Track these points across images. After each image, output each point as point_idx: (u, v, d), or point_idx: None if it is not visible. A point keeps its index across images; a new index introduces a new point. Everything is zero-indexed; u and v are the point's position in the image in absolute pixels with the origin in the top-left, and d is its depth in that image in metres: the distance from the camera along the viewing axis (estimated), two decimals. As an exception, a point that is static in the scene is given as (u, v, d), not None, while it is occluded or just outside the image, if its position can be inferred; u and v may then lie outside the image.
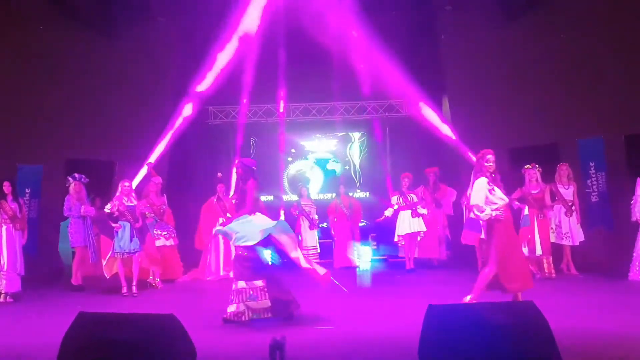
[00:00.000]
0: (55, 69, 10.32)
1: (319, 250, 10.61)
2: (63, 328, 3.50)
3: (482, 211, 5.51)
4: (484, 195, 5.54)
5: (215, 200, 9.55)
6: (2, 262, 7.50)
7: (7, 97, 9.92)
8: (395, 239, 9.68)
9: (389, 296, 7.31)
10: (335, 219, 10.64)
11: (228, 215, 9.55)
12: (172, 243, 9.07)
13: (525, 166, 8.54)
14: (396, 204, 9.53)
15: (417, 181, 9.98)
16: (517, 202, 8.32)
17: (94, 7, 10.37)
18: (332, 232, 10.70)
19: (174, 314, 3.53)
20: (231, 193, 10.18)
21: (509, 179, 9.11)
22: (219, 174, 10.08)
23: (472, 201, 5.60)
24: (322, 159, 13.34)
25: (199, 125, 12.10)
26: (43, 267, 9.22)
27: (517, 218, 8.22)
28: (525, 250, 7.95)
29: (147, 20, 10.94)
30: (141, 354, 3.17)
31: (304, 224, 10.54)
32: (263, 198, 12.50)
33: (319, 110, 12.63)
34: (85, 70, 10.52)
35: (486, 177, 5.63)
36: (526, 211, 8.37)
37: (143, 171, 10.37)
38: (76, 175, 8.50)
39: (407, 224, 9.42)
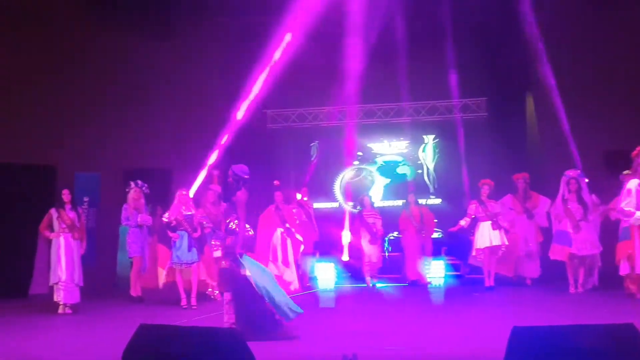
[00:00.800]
0: (111, 77, 10.89)
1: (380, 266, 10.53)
2: (122, 340, 3.68)
3: (632, 215, 5.32)
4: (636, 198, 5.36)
5: (274, 209, 9.72)
6: (60, 272, 7.89)
7: (65, 105, 10.54)
8: (473, 252, 9.50)
9: (466, 316, 7.19)
10: (405, 231, 10.51)
11: (287, 225, 9.71)
12: (231, 253, 9.30)
13: (624, 172, 8.17)
14: (474, 213, 9.36)
15: (497, 189, 9.76)
16: (614, 212, 8.00)
17: (149, 9, 10.82)
18: (401, 244, 10.61)
19: (235, 328, 3.65)
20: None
21: (602, 186, 8.81)
22: (276, 182, 10.22)
23: (624, 204, 5.40)
24: (391, 161, 13.20)
25: (257, 129, 12.37)
26: (101, 277, 9.69)
27: (615, 230, 7.91)
28: (624, 267, 7.60)
29: (204, 20, 11.30)
30: (202, 369, 3.29)
31: (365, 237, 10.27)
32: (326, 205, 12.63)
33: (385, 111, 12.61)
34: (141, 77, 11.03)
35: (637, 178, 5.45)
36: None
37: (200, 179, 10.70)
38: (139, 182, 8.90)
39: (487, 236, 9.22)
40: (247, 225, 6.50)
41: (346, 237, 10.54)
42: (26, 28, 10.17)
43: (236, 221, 6.18)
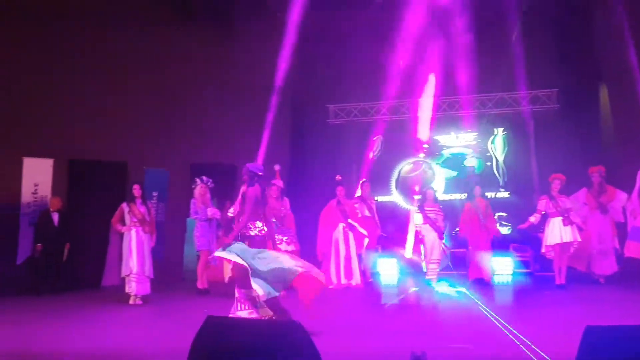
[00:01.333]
0: (177, 76, 11.21)
1: (447, 263, 10.34)
2: (190, 330, 3.80)
3: None
4: None
5: (336, 203, 9.75)
6: (131, 265, 8.23)
7: (135, 105, 10.94)
8: (543, 249, 9.23)
9: (536, 314, 6.99)
10: (468, 224, 10.22)
11: (349, 220, 9.71)
12: (293, 248, 9.37)
13: None
14: (544, 209, 9.07)
15: (568, 183, 9.42)
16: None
17: (212, 6, 11.07)
18: (464, 239, 10.39)
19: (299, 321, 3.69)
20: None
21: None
22: (338, 177, 10.23)
23: None
24: (458, 154, 12.94)
25: (319, 124, 12.44)
26: (170, 270, 10.03)
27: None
28: None
29: (265, 16, 11.44)
30: (267, 361, 3.36)
31: (430, 234, 9.91)
32: (389, 199, 12.54)
33: (450, 104, 12.40)
34: (206, 74, 11.32)
35: None
36: None
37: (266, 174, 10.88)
38: (204, 177, 9.17)
39: (558, 232, 8.92)
40: (260, 224, 6.53)
41: (410, 233, 10.42)
42: (99, 30, 10.62)
43: (231, 209, 6.55)
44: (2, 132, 9.84)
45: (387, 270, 10.85)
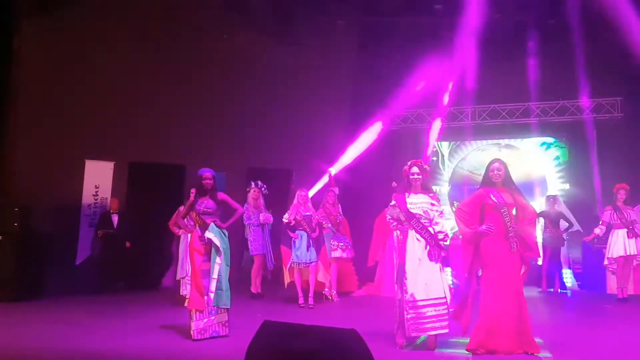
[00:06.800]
0: (237, 80, 11.37)
1: None
2: (244, 334, 3.83)
3: None
4: None
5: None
6: (187, 267, 8.28)
7: (192, 108, 11.16)
8: (606, 262, 8.91)
9: (594, 330, 6.70)
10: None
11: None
12: (349, 255, 9.35)
13: None
14: (608, 220, 8.76)
15: (633, 194, 9.06)
16: None
17: (273, 13, 11.21)
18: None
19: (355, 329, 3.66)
20: None
21: None
22: (394, 184, 10.14)
23: None
24: None
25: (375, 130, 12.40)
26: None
27: None
28: None
29: (326, 23, 11.51)
30: (324, 368, 3.34)
31: None
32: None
33: (510, 112, 12.14)
34: (266, 78, 11.46)
35: None
36: None
37: (321, 180, 10.90)
38: (259, 182, 9.26)
39: (622, 245, 8.61)
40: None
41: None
42: (163, 38, 10.91)
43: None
44: (65, 135, 10.20)
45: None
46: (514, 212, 5.23)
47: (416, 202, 5.58)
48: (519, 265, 5.17)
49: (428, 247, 5.45)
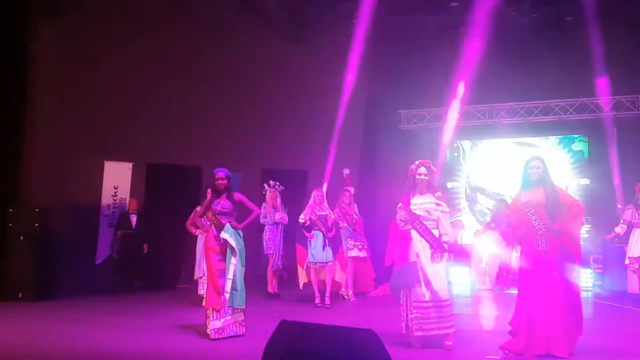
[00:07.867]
0: (251, 81, 11.40)
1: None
2: (261, 334, 3.83)
3: None
4: None
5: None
6: (204, 267, 8.36)
7: (209, 109, 11.21)
8: (627, 261, 8.78)
9: (614, 332, 6.61)
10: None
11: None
12: (365, 254, 9.31)
13: None
14: (630, 219, 8.64)
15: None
16: None
17: (288, 14, 11.22)
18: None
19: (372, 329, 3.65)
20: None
21: None
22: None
23: None
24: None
25: (391, 130, 12.34)
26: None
27: None
28: None
29: (342, 24, 11.47)
30: (341, 368, 3.33)
31: (500, 242, 9.76)
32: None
33: (528, 110, 12.01)
34: (282, 79, 11.45)
35: None
36: None
37: (335, 180, 10.87)
38: (271, 182, 9.28)
39: (643, 244, 8.49)
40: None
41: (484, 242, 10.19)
42: (179, 40, 10.99)
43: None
44: (85, 136, 10.32)
45: (460, 279, 10.65)
46: (547, 210, 5.11)
47: (419, 203, 5.66)
48: (555, 263, 5.05)
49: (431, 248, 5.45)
